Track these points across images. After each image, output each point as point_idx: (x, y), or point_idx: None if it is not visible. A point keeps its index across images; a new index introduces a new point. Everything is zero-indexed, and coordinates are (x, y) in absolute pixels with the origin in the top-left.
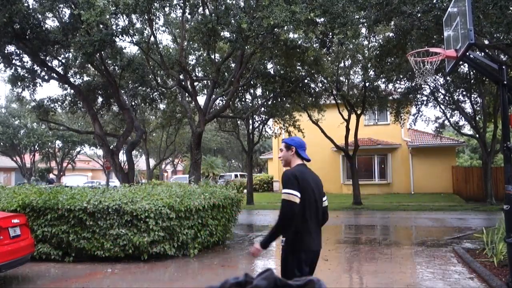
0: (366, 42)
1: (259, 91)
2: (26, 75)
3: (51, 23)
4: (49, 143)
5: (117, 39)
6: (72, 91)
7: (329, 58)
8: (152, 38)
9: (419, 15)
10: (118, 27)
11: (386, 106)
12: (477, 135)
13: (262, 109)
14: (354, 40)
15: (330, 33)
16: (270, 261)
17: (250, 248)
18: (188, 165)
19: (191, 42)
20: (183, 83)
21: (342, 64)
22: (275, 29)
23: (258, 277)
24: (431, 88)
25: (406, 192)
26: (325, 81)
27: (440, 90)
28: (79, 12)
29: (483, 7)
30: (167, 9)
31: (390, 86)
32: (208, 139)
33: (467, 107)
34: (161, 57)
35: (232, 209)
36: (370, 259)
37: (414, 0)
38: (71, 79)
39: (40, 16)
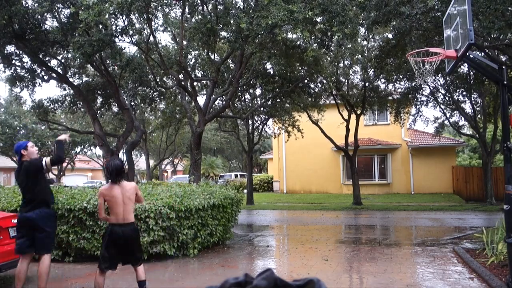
0: (365, 43)
1: (258, 91)
2: (25, 75)
3: (50, 23)
4: (49, 143)
5: (116, 39)
6: (72, 91)
7: (329, 58)
8: (151, 38)
9: (417, 16)
10: (117, 27)
11: (386, 106)
12: (477, 135)
13: (262, 109)
14: (352, 39)
15: (329, 32)
16: (270, 261)
17: None
18: (188, 165)
19: (190, 42)
20: (183, 83)
21: (341, 64)
22: (275, 29)
23: (258, 277)
24: (431, 88)
25: (406, 192)
26: (324, 81)
27: (440, 90)
28: (76, 11)
29: (477, 10)
30: (166, 8)
31: (390, 86)
32: (208, 139)
33: (467, 107)
34: (161, 57)
35: (232, 209)
36: (370, 259)
37: (412, 1)
38: (71, 79)
39: (39, 17)
